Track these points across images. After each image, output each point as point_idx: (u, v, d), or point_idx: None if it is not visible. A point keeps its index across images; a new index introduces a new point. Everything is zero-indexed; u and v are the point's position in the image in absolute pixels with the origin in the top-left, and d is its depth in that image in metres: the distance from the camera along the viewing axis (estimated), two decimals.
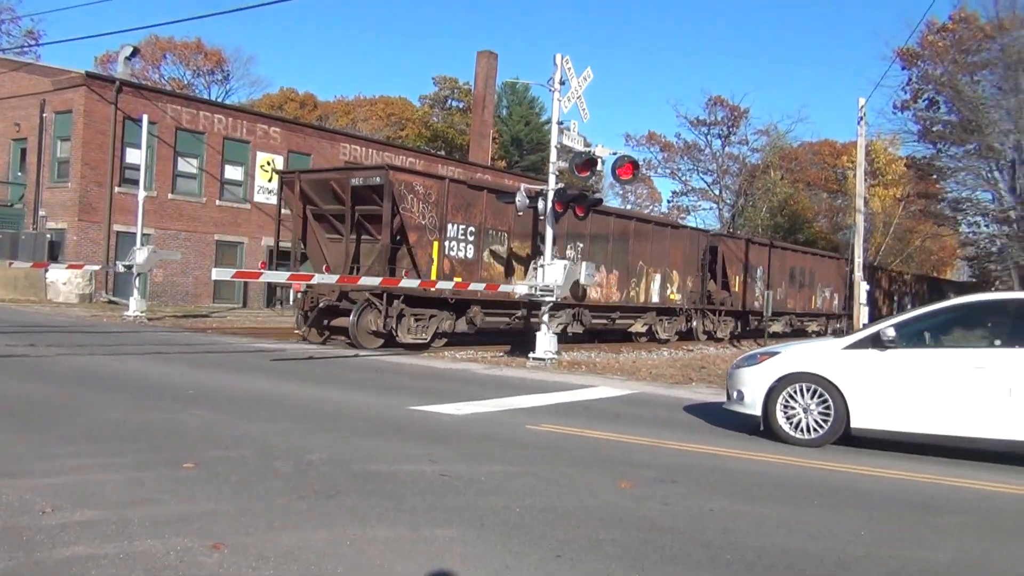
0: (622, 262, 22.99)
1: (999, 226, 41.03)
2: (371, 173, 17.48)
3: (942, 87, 39.77)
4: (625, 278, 23.15)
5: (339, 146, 38.09)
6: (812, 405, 8.51)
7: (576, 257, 21.20)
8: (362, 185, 17.38)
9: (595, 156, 16.40)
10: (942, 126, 41.74)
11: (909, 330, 8.51)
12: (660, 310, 24.73)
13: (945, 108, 42.15)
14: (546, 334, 16.74)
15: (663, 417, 10.36)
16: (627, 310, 23.50)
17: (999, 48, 35.62)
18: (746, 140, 71.30)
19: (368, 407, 9.72)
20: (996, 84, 36.46)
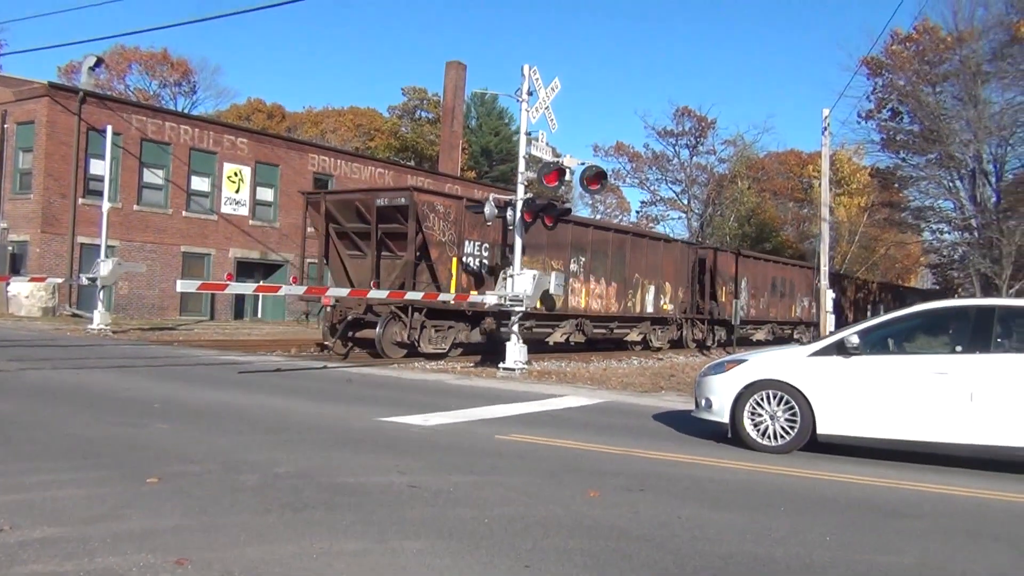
0: (620, 274, 24.07)
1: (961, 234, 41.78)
2: (396, 194, 18.84)
3: (905, 97, 40.49)
4: (623, 290, 24.25)
5: (308, 157, 37.93)
6: (779, 412, 8.59)
7: (579, 270, 22.35)
8: (387, 205, 18.62)
9: (564, 166, 16.46)
10: (905, 136, 42.46)
11: (873, 337, 8.62)
12: (654, 320, 25.77)
13: (908, 118, 42.90)
14: (516, 344, 16.75)
15: (632, 426, 10.40)
16: (625, 320, 24.48)
17: (959, 59, 36.35)
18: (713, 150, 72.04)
19: (336, 419, 9.65)
20: (956, 95, 37.19)
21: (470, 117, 73.20)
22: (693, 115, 69.99)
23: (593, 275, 22.91)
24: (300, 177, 37.15)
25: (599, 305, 23.20)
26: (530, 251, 19.91)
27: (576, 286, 22.26)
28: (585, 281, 22.65)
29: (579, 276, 22.36)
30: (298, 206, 37.08)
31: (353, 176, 39.95)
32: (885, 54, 42.99)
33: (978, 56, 35.55)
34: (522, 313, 17.09)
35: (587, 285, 22.77)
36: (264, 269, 36.26)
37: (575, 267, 22.10)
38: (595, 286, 23.10)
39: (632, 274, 24.57)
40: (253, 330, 28.89)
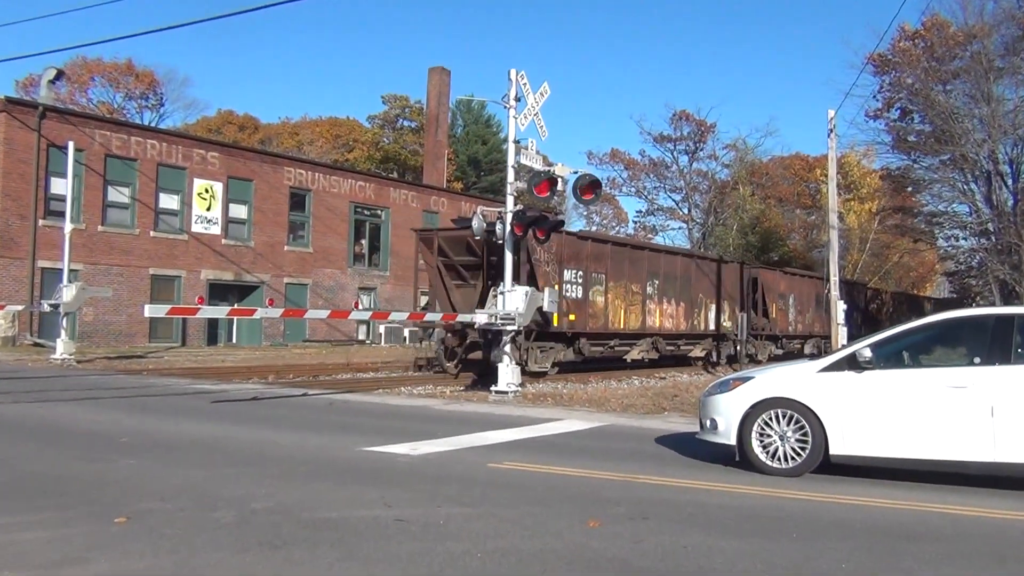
0: (687, 295, 27.56)
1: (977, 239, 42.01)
2: None
3: (915, 96, 40.79)
4: (690, 309, 27.77)
5: (283, 170, 37.99)
6: (788, 432, 8.59)
7: (654, 292, 25.69)
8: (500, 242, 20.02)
9: (555, 175, 16.51)
10: (915, 136, 42.74)
11: (886, 350, 8.64)
12: (714, 336, 29.16)
13: (918, 118, 43.21)
14: (508, 365, 16.75)
15: (633, 450, 10.39)
16: (691, 337, 27.97)
17: (970, 56, 36.67)
18: (714, 155, 72.46)
19: (317, 449, 9.63)
20: (968, 93, 37.48)
21: (455, 125, 73.45)
22: (691, 119, 70.43)
23: (665, 297, 26.45)
24: (275, 192, 37.20)
25: (671, 324, 26.71)
26: (614, 276, 23.89)
27: (652, 307, 25.71)
28: (659, 302, 26.11)
29: (654, 298, 25.81)
30: (273, 223, 37.13)
31: (332, 190, 40.02)
32: (892, 51, 43.36)
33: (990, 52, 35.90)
34: (514, 332, 17.09)
35: (660, 306, 26.22)
36: (238, 291, 36.20)
37: (651, 290, 25.68)
38: (667, 307, 26.58)
39: (697, 294, 28.06)
40: (228, 356, 28.80)
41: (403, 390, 18.07)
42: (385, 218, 43.43)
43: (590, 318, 22.69)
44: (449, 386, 18.80)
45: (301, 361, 27.66)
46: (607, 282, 23.63)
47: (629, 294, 24.31)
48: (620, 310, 24.16)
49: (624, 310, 24.35)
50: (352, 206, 41.45)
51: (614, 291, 23.87)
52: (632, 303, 24.73)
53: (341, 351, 33.27)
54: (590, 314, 22.79)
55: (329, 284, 39.84)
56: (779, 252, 64.79)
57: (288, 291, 37.58)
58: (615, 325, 23.93)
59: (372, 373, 23.99)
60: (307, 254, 38.92)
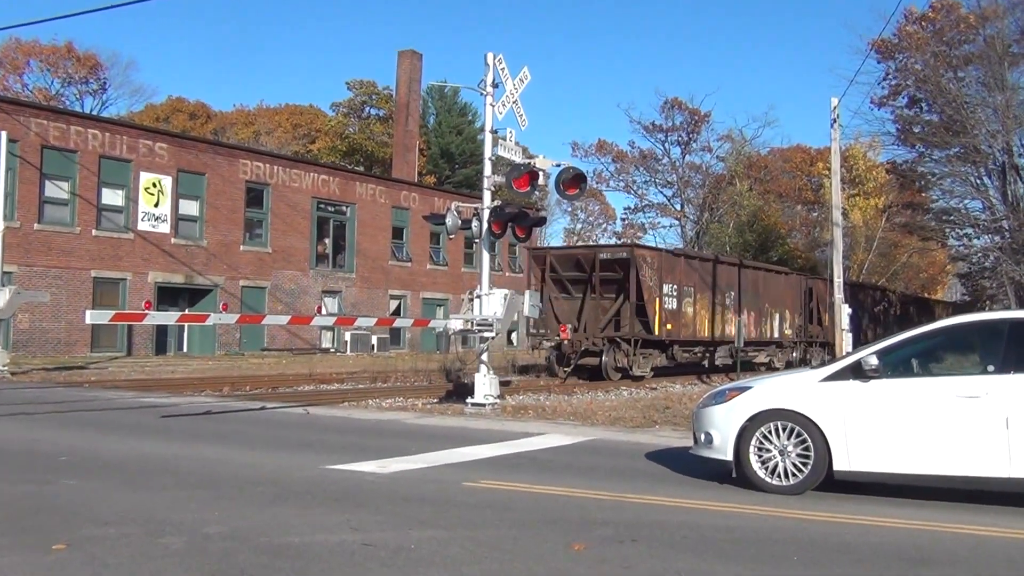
0: (757, 305, 32.30)
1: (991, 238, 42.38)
2: (618, 250, 27.35)
3: (922, 83, 41.13)
4: (759, 318, 32.39)
5: (239, 163, 37.82)
6: (789, 447, 8.64)
7: (731, 303, 30.32)
8: (609, 259, 26.14)
9: (536, 168, 16.53)
10: (923, 127, 43.10)
11: (894, 357, 8.70)
12: (777, 344, 33.75)
13: (926, 107, 43.59)
14: (485, 375, 16.73)
15: (622, 467, 10.41)
16: (759, 344, 32.56)
17: (983, 40, 37.03)
18: (708, 147, 72.92)
19: (277, 468, 9.58)
20: (981, 80, 37.83)
21: (428, 114, 73.43)
22: (684, 108, 70.83)
23: (741, 307, 30.74)
24: (230, 186, 37.03)
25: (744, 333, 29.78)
26: (701, 288, 28.53)
27: (730, 316, 30.22)
28: (735, 313, 30.42)
29: (731, 308, 30.37)
30: (227, 220, 36.96)
31: (293, 184, 39.89)
32: (899, 35, 43.75)
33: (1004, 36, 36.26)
34: (492, 338, 17.09)
35: (737, 316, 30.19)
36: (190, 295, 36.01)
37: (728, 301, 30.44)
38: (743, 317, 30.46)
39: (764, 304, 32.82)
40: (178, 367, 28.62)
41: (371, 403, 18.02)
42: (351, 215, 43.32)
43: (682, 327, 27.39)
44: (421, 398, 18.79)
45: (259, 372, 27.52)
46: (695, 294, 28.39)
47: (712, 305, 29.26)
48: (705, 320, 28.86)
49: (708, 320, 29.07)
50: (315, 202, 41.33)
51: (700, 302, 28.70)
52: (715, 313, 29.48)
53: (303, 361, 33.15)
54: (682, 324, 27.45)
55: (290, 287, 39.70)
56: (779, 251, 65.21)
57: (244, 295, 37.41)
58: (701, 333, 28.70)
59: (337, 385, 23.93)
60: (265, 254, 38.75)
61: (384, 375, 26.07)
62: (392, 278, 45.36)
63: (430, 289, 47.59)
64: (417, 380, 25.37)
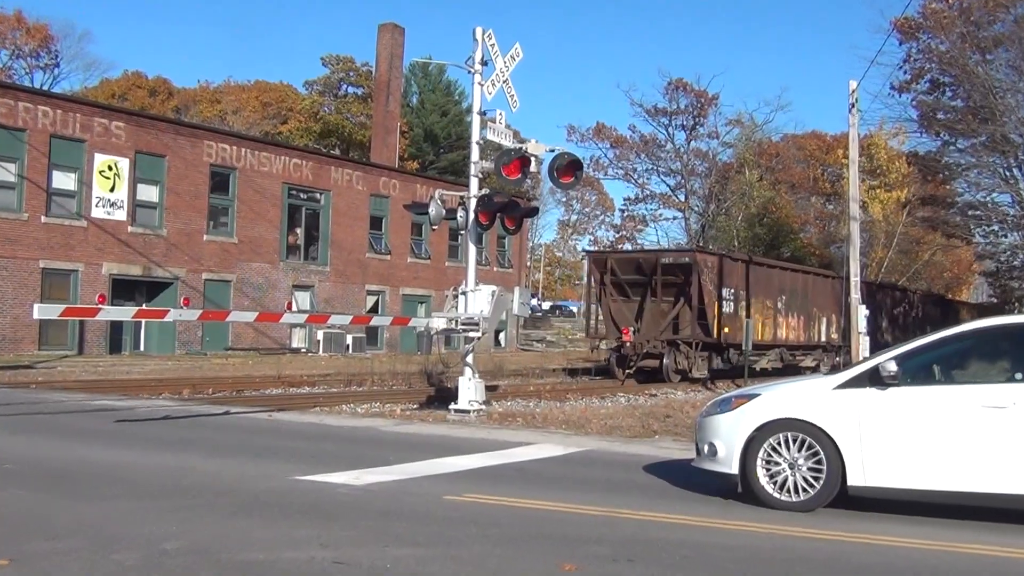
0: (805, 309, 34.89)
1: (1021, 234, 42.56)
2: (681, 255, 30.70)
3: (947, 66, 41.24)
4: (807, 322, 35.08)
5: (202, 145, 37.69)
6: (800, 459, 8.66)
7: (782, 307, 33.09)
8: (670, 263, 28.90)
9: (528, 154, 16.53)
10: (948, 113, 43.19)
11: (914, 363, 8.73)
12: (823, 347, 36.04)
13: (951, 91, 43.70)
14: (470, 379, 16.75)
15: (618, 480, 10.44)
16: (807, 348, 35.08)
17: (1013, 20, 37.13)
18: (716, 132, 73.05)
19: (241, 478, 9.58)
20: (1011, 63, 37.93)
21: (410, 93, 73.38)
22: (690, 89, 70.95)
23: (790, 311, 33.79)
24: (193, 170, 36.91)
25: (794, 336, 34.19)
26: (754, 292, 31.14)
27: (780, 320, 33.15)
28: (786, 316, 33.47)
29: (781, 311, 33.17)
30: (190, 207, 36.86)
31: (262, 168, 39.78)
32: (923, 14, 43.84)
33: None
34: (478, 339, 17.09)
35: (787, 319, 33.60)
36: (148, 288, 35.88)
37: (780, 305, 33.19)
38: (792, 320, 33.99)
39: (812, 308, 35.37)
40: (134, 367, 28.54)
41: (345, 408, 18.01)
42: (325, 203, 43.23)
43: (738, 331, 29.09)
44: (400, 404, 18.79)
45: (223, 373, 27.45)
46: (749, 298, 31.12)
47: (764, 308, 32.01)
48: (759, 323, 30.94)
49: (761, 323, 31.39)
50: (285, 188, 41.24)
51: (755, 306, 31.38)
52: (767, 317, 32.17)
53: (271, 361, 33.09)
54: (738, 327, 29.35)
55: (257, 281, 39.61)
56: (791, 247, 65.38)
57: (208, 289, 37.29)
58: (756, 337, 30.08)
59: (308, 388, 23.90)
60: (231, 245, 38.65)
61: (360, 378, 26.04)
62: (369, 272, 45.28)
63: (411, 285, 47.53)
64: (396, 384, 25.36)
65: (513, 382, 27.14)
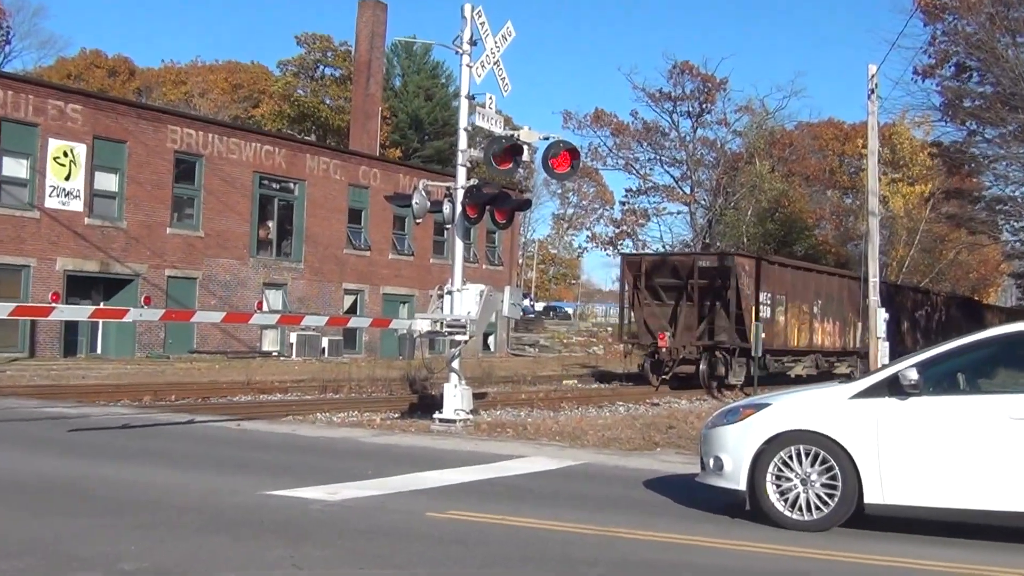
0: (841, 314, 36.05)
1: None
2: (718, 257, 32.25)
3: (974, 49, 41.32)
4: (843, 328, 36.22)
5: (166, 130, 37.61)
6: (813, 475, 8.67)
7: (818, 312, 34.41)
8: (707, 266, 30.59)
9: (520, 142, 16.53)
10: (975, 100, 43.27)
11: (937, 371, 8.74)
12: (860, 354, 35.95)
13: (978, 76, 43.78)
14: (456, 387, 16.72)
15: (616, 496, 10.45)
16: (842, 354, 36.29)
17: None
18: (724, 120, 73.07)
19: (207, 492, 9.57)
20: None
21: (393, 75, 73.33)
22: (696, 73, 70.92)
23: (825, 316, 35.09)
24: (156, 158, 36.83)
25: (829, 342, 35.49)
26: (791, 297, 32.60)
27: (816, 326, 34.42)
28: (821, 321, 34.76)
29: (817, 316, 34.49)
30: (152, 198, 36.82)
31: (231, 156, 39.73)
32: None
33: None
34: (465, 342, 17.08)
35: (823, 325, 34.87)
36: (106, 286, 35.79)
37: (816, 310, 34.45)
38: (827, 325, 35.22)
39: (847, 313, 36.34)
40: (91, 371, 28.48)
41: (320, 417, 17.98)
42: (299, 193, 43.20)
43: (775, 336, 30.94)
44: (380, 412, 18.78)
45: (187, 378, 27.41)
46: (786, 303, 32.54)
47: (800, 313, 33.40)
48: (795, 328, 32.94)
49: (797, 328, 33.12)
50: (256, 177, 41.19)
51: (791, 311, 32.85)
52: (803, 322, 33.56)
53: (240, 366, 33.04)
54: (775, 332, 31.06)
55: (225, 278, 39.55)
56: (805, 244, 65.44)
57: (171, 287, 37.22)
58: (791, 343, 32.69)
59: (280, 395, 23.88)
60: (196, 239, 38.59)
61: (336, 384, 26.03)
62: (347, 269, 45.25)
63: (392, 283, 47.51)
64: (375, 391, 25.35)
65: (503, 390, 27.15)
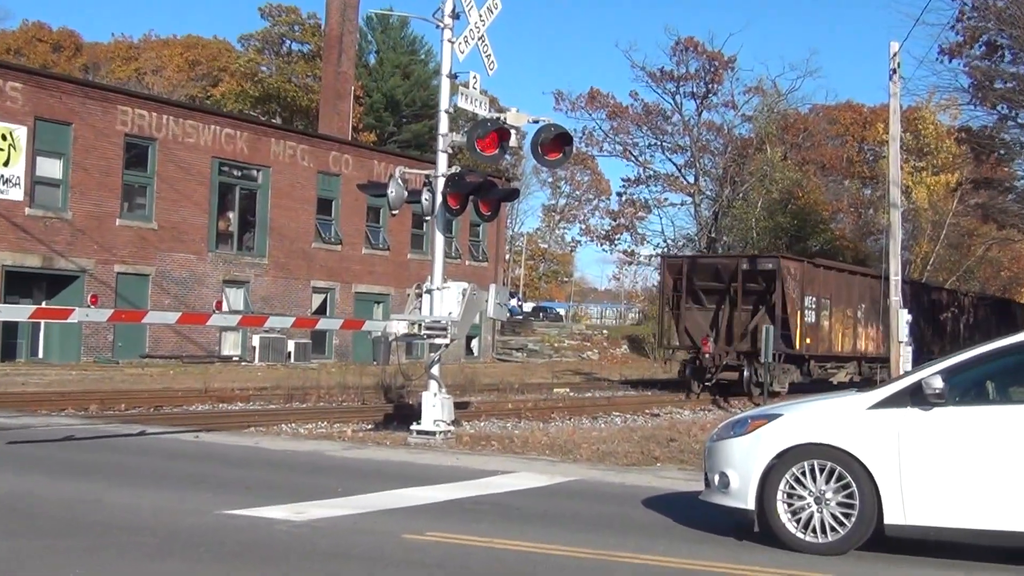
0: (885, 319, 35.89)
1: None
2: (764, 261, 33.05)
3: (1006, 26, 41.41)
4: (886, 332, 36.13)
5: (116, 111, 37.49)
6: (828, 493, 8.68)
7: (861, 316, 36.36)
8: (751, 269, 31.87)
9: (507, 125, 16.50)
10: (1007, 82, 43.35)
11: (964, 378, 8.76)
12: None
13: (1011, 55, 43.89)
14: (436, 395, 16.67)
15: (611, 515, 10.46)
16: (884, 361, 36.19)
17: None
18: (732, 102, 73.17)
19: (160, 511, 9.54)
20: None
21: (366, 52, 73.24)
22: (701, 50, 71.05)
23: (869, 320, 36.94)
24: (104, 141, 36.71)
25: (872, 347, 37.30)
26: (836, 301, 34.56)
27: (860, 331, 36.28)
28: (865, 326, 36.65)
29: (861, 321, 36.30)
30: (100, 186, 36.71)
31: (188, 140, 39.62)
32: None
33: None
34: (446, 346, 17.07)
35: (866, 330, 36.76)
36: (49, 283, 35.69)
37: (859, 314, 36.20)
38: (870, 330, 37.13)
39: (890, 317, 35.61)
40: (32, 377, 28.38)
41: (286, 428, 17.95)
42: (263, 181, 43.13)
43: (820, 342, 32.92)
44: (351, 423, 18.75)
45: (138, 385, 27.32)
46: (831, 307, 34.27)
47: (844, 318, 35.12)
48: (839, 333, 34.66)
49: (841, 333, 34.73)
50: (216, 163, 41.09)
51: (835, 315, 34.65)
52: (846, 326, 35.17)
53: (197, 372, 32.99)
54: (819, 338, 33.00)
55: (181, 275, 39.45)
56: (820, 239, 65.44)
57: (121, 284, 37.12)
58: (835, 348, 34.53)
59: (241, 404, 23.84)
60: (149, 231, 38.49)
61: (303, 392, 26.00)
62: (316, 265, 45.19)
63: (366, 281, 47.47)
64: (346, 400, 25.34)
65: (487, 399, 27.18)
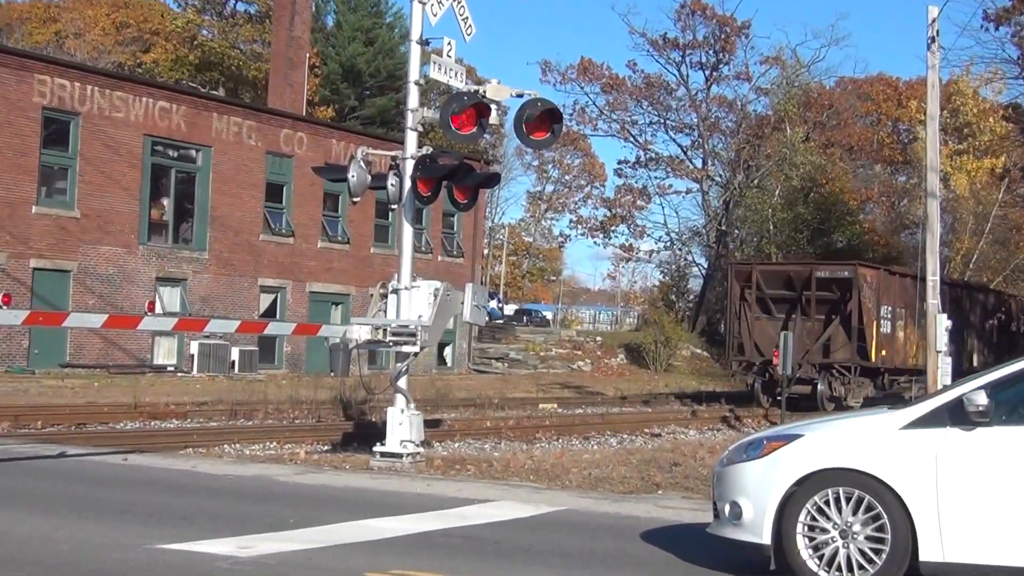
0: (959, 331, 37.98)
1: None
2: (839, 268, 36.18)
3: None
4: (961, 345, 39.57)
5: (32, 80, 37.35)
6: (856, 525, 8.70)
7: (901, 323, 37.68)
8: (826, 277, 34.49)
9: (486, 99, 16.50)
10: None
11: (1012, 394, 8.77)
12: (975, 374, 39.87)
13: None
14: (404, 411, 16.65)
15: (605, 551, 10.48)
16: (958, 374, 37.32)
17: None
18: (746, 74, 73.23)
19: (82, 546, 9.52)
20: None
21: (324, 13, 73.12)
22: (711, 14, 71.08)
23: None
24: (18, 114, 36.57)
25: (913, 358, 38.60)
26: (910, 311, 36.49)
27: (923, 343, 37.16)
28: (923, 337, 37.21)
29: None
30: (13, 167, 36.60)
31: (116, 114, 39.49)
32: None
33: None
34: (415, 354, 17.05)
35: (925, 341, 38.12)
36: None
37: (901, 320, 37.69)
38: None
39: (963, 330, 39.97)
40: None
41: (228, 449, 17.93)
42: (203, 163, 43.03)
43: (895, 353, 35.33)
44: (305, 444, 18.73)
45: (58, 399, 27.26)
46: (905, 317, 36.58)
47: (920, 328, 35.55)
48: (913, 345, 36.53)
49: (916, 345, 36.22)
50: (148, 142, 40.99)
51: (910, 326, 36.80)
52: (921, 338, 35.20)
53: (126, 384, 32.91)
54: (895, 349, 35.43)
55: (107, 271, 39.35)
56: (847, 233, 65.31)
57: (38, 282, 37.03)
58: (910, 361, 36.49)
59: (177, 421, 23.80)
60: (70, 220, 38.38)
61: (249, 408, 26.01)
62: (264, 261, 45.11)
63: (322, 278, 47.41)
64: (299, 416, 25.33)
65: (463, 416, 27.22)
